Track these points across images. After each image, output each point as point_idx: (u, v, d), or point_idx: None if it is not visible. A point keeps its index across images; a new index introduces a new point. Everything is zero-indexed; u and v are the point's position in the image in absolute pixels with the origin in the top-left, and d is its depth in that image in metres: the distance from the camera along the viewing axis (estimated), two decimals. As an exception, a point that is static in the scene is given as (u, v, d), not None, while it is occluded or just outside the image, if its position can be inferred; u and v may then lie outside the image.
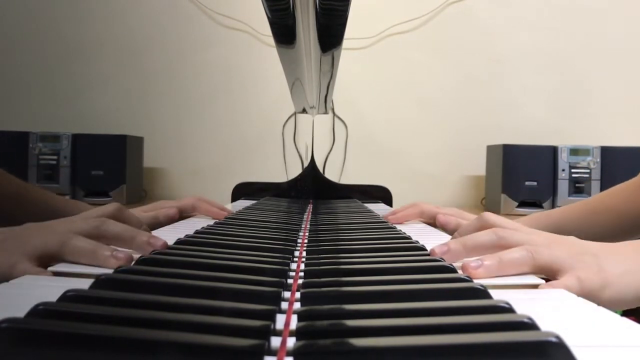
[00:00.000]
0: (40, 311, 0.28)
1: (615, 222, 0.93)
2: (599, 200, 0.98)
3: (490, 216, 0.58)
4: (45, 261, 0.50)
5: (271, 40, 0.75)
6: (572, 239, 0.54)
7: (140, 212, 0.91)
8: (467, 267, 0.49)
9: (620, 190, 0.95)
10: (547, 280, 0.49)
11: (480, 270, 0.48)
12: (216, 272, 0.41)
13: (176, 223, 0.90)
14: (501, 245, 0.52)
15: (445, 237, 0.80)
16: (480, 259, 0.50)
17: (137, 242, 0.54)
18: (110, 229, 0.54)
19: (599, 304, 0.47)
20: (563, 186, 2.12)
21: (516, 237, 0.52)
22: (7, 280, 0.44)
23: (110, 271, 0.41)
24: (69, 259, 0.50)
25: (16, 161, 2.03)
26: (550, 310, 0.38)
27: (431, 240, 0.69)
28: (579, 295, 0.45)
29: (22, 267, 0.47)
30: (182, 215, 0.96)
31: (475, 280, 0.41)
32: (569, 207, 0.99)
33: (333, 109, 2.44)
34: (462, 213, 0.94)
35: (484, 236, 0.54)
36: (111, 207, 0.60)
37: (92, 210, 0.58)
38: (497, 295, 0.37)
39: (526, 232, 0.55)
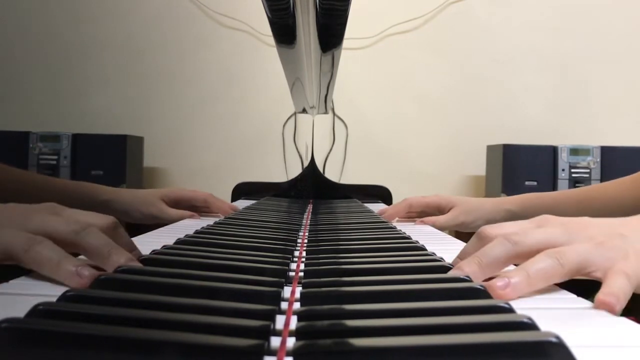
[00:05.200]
0: (40, 311, 0.28)
1: (610, 211, 0.93)
2: (596, 188, 0.99)
3: (487, 229, 0.50)
4: (8, 261, 0.43)
5: (271, 40, 0.75)
6: (588, 220, 0.48)
7: (165, 205, 0.97)
8: (494, 288, 0.41)
9: (618, 182, 0.95)
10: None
11: (509, 290, 0.41)
12: (216, 272, 0.41)
13: (176, 223, 0.90)
14: (519, 254, 0.45)
15: (444, 236, 0.80)
16: (506, 277, 0.42)
17: (111, 262, 0.44)
18: (88, 240, 0.45)
19: None
20: (563, 186, 2.12)
21: (532, 238, 0.46)
22: None
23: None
24: (30, 267, 0.43)
25: (16, 161, 2.03)
26: (549, 309, 0.38)
27: (431, 240, 0.69)
28: (631, 293, 0.41)
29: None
30: (193, 206, 1.00)
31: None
32: (564, 191, 1.00)
33: (333, 109, 2.44)
34: (442, 201, 0.96)
35: (497, 248, 0.46)
36: (106, 219, 0.50)
37: (82, 213, 0.50)
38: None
39: (536, 226, 0.49)
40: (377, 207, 1.10)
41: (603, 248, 0.43)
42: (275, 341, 0.28)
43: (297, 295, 0.38)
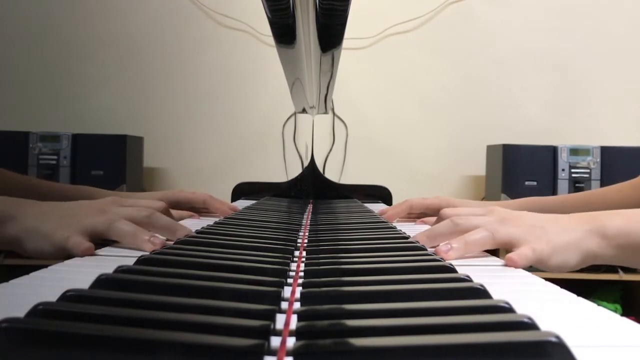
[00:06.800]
0: (40, 311, 0.28)
1: None
2: (595, 193, 1.00)
3: (446, 211, 0.70)
4: (94, 237, 0.58)
5: (271, 40, 0.75)
6: (522, 213, 0.63)
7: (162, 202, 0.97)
8: (439, 251, 0.57)
9: (618, 187, 0.95)
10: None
11: (451, 252, 0.57)
12: (216, 272, 0.41)
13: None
14: (459, 232, 0.60)
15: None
16: (448, 243, 0.58)
17: (179, 235, 0.63)
18: (159, 221, 0.63)
19: (546, 268, 0.58)
20: (563, 186, 2.12)
21: (471, 222, 0.61)
22: (62, 251, 0.55)
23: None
24: (113, 239, 0.59)
25: (16, 161, 2.04)
26: (549, 309, 0.38)
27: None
28: (531, 262, 0.56)
29: (75, 239, 0.55)
30: (192, 207, 1.00)
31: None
32: (563, 196, 1.01)
33: (333, 109, 2.44)
34: (442, 203, 0.96)
35: (442, 227, 0.63)
36: (161, 204, 0.69)
37: (143, 201, 0.68)
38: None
39: (479, 214, 0.64)
40: (377, 207, 1.10)
41: (527, 233, 0.58)
42: (275, 341, 0.28)
43: (297, 295, 0.38)
